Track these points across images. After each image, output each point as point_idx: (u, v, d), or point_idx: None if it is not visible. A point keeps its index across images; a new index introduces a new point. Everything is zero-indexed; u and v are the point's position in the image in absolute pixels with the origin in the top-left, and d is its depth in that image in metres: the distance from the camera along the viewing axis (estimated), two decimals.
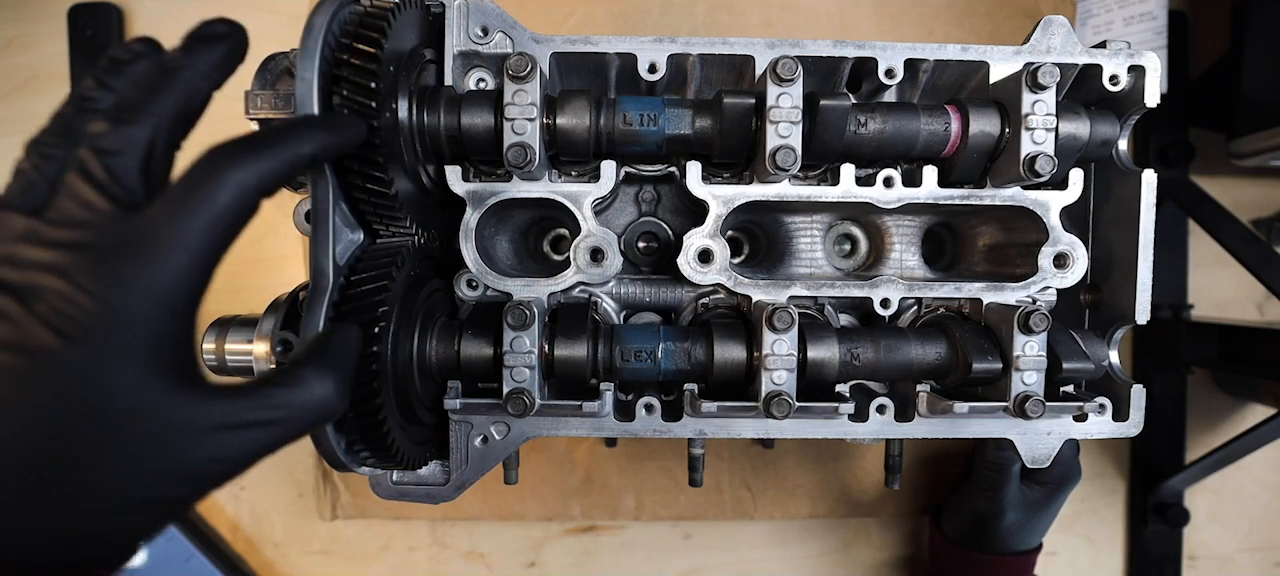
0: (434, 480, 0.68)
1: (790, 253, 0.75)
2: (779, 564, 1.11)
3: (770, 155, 0.59)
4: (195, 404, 0.41)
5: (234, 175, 0.41)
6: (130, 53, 0.44)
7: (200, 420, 0.41)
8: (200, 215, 0.40)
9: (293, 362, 0.47)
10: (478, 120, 0.60)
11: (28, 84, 1.05)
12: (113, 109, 0.41)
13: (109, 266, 0.38)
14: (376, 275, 0.56)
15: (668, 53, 0.63)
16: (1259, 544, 1.12)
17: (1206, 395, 1.09)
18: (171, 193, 0.40)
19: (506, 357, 0.59)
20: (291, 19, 0.98)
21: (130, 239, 0.39)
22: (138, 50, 0.44)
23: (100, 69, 0.43)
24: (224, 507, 1.08)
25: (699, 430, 0.66)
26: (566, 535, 1.10)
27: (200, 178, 0.40)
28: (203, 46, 0.44)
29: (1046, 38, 0.64)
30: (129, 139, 0.40)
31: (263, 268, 1.04)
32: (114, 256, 0.39)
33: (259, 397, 0.43)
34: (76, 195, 0.39)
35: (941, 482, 1.06)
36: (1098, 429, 0.67)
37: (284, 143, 0.44)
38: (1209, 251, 1.03)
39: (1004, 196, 0.65)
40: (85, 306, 0.38)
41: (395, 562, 1.09)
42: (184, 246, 0.39)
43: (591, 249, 0.64)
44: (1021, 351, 0.61)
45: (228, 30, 0.45)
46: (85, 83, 0.43)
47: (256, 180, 0.42)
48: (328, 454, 0.56)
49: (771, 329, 0.60)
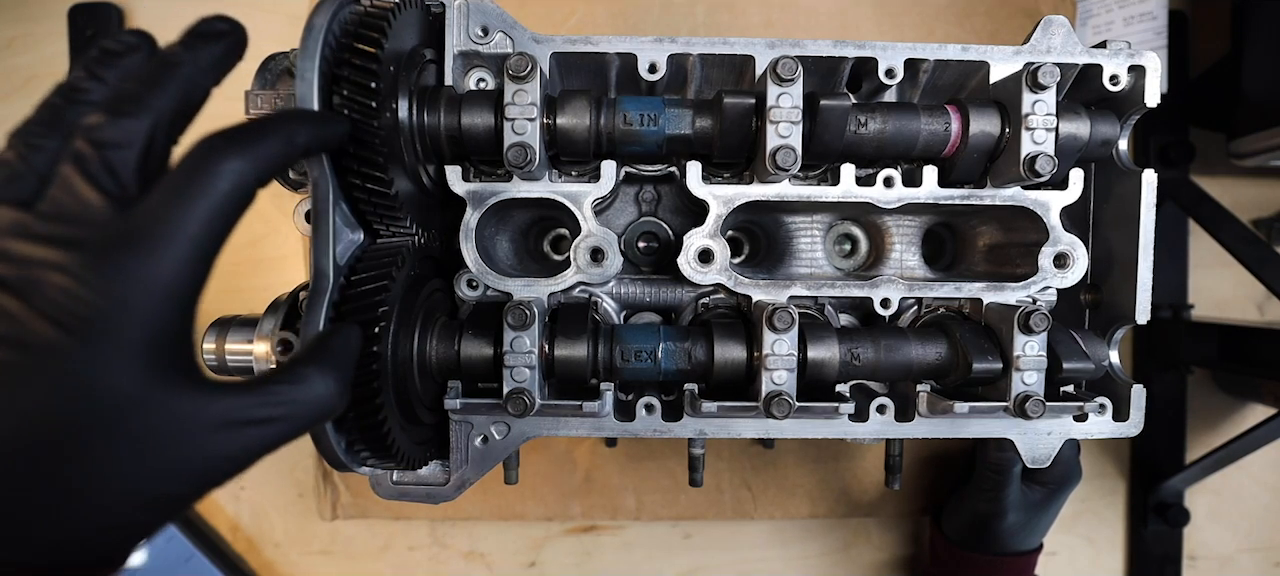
0: (434, 480, 0.68)
1: (790, 253, 0.75)
2: (779, 564, 1.10)
3: (770, 155, 0.59)
4: (197, 400, 0.41)
5: (231, 164, 0.40)
6: (123, 44, 0.43)
7: (202, 417, 0.41)
8: (200, 205, 0.39)
9: (293, 361, 0.47)
10: (478, 120, 0.59)
11: (28, 84, 1.05)
12: (110, 101, 0.41)
13: (109, 259, 0.38)
14: (376, 275, 0.56)
15: (668, 53, 0.63)
16: (1259, 544, 1.12)
17: (1206, 395, 1.09)
18: (168, 183, 0.40)
19: (507, 357, 0.59)
20: (291, 19, 0.98)
21: (130, 231, 0.38)
22: (130, 42, 0.44)
23: (91, 59, 0.42)
24: (224, 507, 1.08)
25: (699, 430, 0.66)
26: (567, 535, 1.10)
27: (197, 167, 0.40)
28: (203, 43, 0.44)
29: (1047, 38, 0.64)
30: (128, 132, 0.40)
31: (263, 267, 1.04)
32: (114, 249, 0.38)
33: (260, 395, 0.43)
34: (71, 188, 0.39)
35: (941, 482, 1.06)
36: (1098, 429, 0.67)
37: (278, 130, 0.44)
38: (1209, 251, 1.03)
39: (1004, 196, 0.65)
40: (86, 299, 0.37)
41: (395, 562, 1.09)
42: (185, 237, 0.39)
43: (592, 249, 0.64)
44: (1022, 351, 0.61)
45: (228, 28, 0.45)
46: (75, 72, 0.42)
47: (253, 168, 0.41)
48: (328, 454, 0.56)
49: (772, 329, 0.60)
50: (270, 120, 0.44)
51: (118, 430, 0.38)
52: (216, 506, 1.08)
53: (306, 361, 0.47)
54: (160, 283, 0.38)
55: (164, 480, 0.40)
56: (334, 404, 0.47)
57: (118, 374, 0.38)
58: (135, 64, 0.43)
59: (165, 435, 0.40)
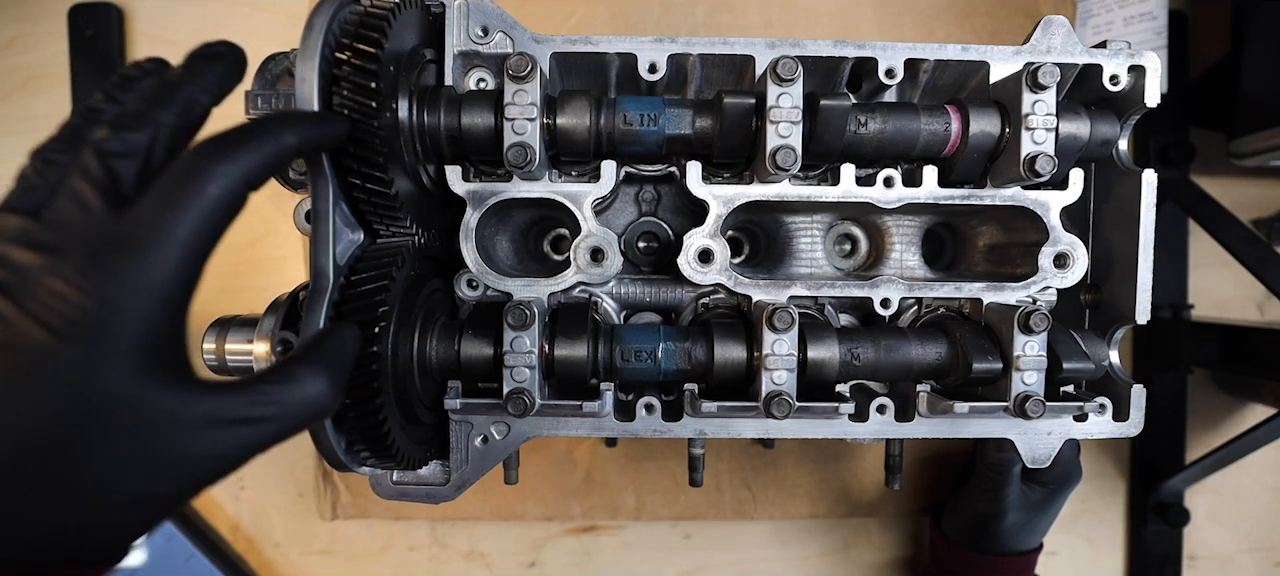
0: (434, 480, 0.68)
1: (790, 253, 0.75)
2: (779, 564, 1.10)
3: (770, 155, 0.59)
4: (187, 399, 0.41)
5: (221, 168, 0.42)
6: (140, 70, 0.46)
7: (192, 415, 0.41)
8: (189, 209, 0.40)
9: (286, 361, 0.47)
10: (478, 120, 0.60)
11: (28, 84, 1.05)
12: (116, 117, 0.43)
13: (101, 262, 0.39)
14: (376, 275, 0.56)
15: (668, 53, 0.63)
16: (1259, 544, 1.12)
17: (1206, 395, 1.09)
18: (158, 189, 0.41)
19: (507, 357, 0.59)
20: (291, 19, 0.98)
21: (121, 235, 0.39)
22: (148, 68, 0.46)
23: (111, 84, 0.45)
24: (224, 507, 1.08)
25: (699, 430, 0.66)
26: (566, 535, 1.10)
27: (188, 172, 0.41)
28: (203, 64, 0.46)
29: (1047, 38, 0.64)
30: (129, 144, 0.41)
31: (263, 267, 1.04)
32: (105, 252, 0.39)
33: (251, 394, 0.43)
34: (75, 195, 0.40)
35: (941, 482, 1.06)
36: (1098, 429, 0.67)
37: (268, 134, 0.45)
38: (1209, 251, 1.03)
39: (1004, 196, 0.65)
40: (76, 302, 0.38)
41: (395, 562, 1.09)
42: (174, 240, 0.40)
43: (592, 249, 0.64)
44: (1022, 351, 0.61)
45: (227, 50, 0.48)
46: (95, 96, 0.44)
47: (242, 172, 0.43)
48: (328, 454, 0.56)
49: (772, 329, 0.60)
50: (259, 124, 0.46)
51: (107, 430, 0.39)
52: (216, 506, 1.08)
53: (299, 361, 0.47)
54: (150, 285, 0.39)
55: (154, 479, 0.41)
56: (326, 404, 0.47)
57: (106, 374, 0.39)
58: (149, 87, 0.45)
59: (155, 434, 0.40)
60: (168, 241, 0.40)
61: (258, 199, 0.44)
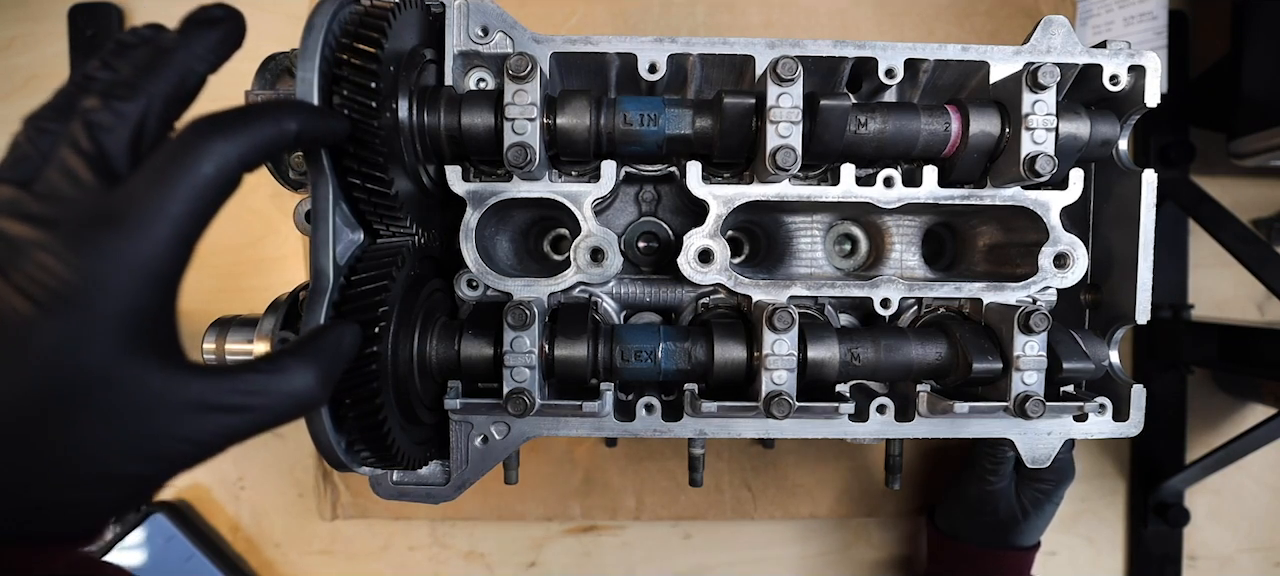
0: (434, 480, 0.68)
1: (790, 253, 0.75)
2: (779, 564, 1.11)
3: (770, 155, 0.59)
4: (171, 380, 0.40)
5: (216, 146, 0.41)
6: (137, 37, 0.44)
7: (174, 397, 0.40)
8: (182, 186, 0.39)
9: (278, 352, 0.47)
10: (478, 120, 0.59)
11: (28, 84, 1.05)
12: (107, 86, 0.42)
13: (88, 236, 0.38)
14: (376, 275, 0.56)
15: (668, 53, 0.63)
16: (1259, 544, 1.12)
17: (1206, 395, 1.09)
18: (152, 163, 0.40)
19: (507, 357, 0.59)
20: (291, 19, 0.97)
21: (111, 209, 0.39)
22: (145, 35, 0.45)
23: (107, 51, 0.43)
24: (224, 507, 1.08)
25: (699, 430, 0.66)
26: (566, 535, 1.10)
27: (182, 148, 0.40)
28: (198, 29, 0.45)
29: (1047, 38, 0.64)
30: (119, 114, 0.40)
31: (263, 267, 1.04)
32: (94, 227, 0.38)
33: (237, 381, 0.43)
34: (64, 167, 0.39)
35: (941, 483, 1.06)
36: (1098, 429, 0.67)
37: (269, 117, 0.44)
38: (1209, 251, 1.03)
39: (1004, 196, 0.65)
40: (61, 276, 0.37)
41: (395, 562, 1.09)
42: (165, 217, 0.39)
43: (592, 249, 0.64)
44: (1022, 351, 0.61)
45: (224, 15, 0.46)
46: (91, 63, 0.43)
47: (238, 152, 0.41)
48: (328, 453, 0.56)
49: (772, 329, 0.60)
50: (262, 106, 0.45)
51: (86, 404, 0.39)
52: (216, 506, 1.08)
53: (290, 354, 0.46)
54: (138, 261, 0.39)
55: (130, 458, 0.40)
56: (311, 398, 0.46)
57: (89, 349, 0.38)
58: (143, 55, 0.43)
59: (134, 412, 0.40)
60: (159, 218, 0.39)
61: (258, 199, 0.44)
